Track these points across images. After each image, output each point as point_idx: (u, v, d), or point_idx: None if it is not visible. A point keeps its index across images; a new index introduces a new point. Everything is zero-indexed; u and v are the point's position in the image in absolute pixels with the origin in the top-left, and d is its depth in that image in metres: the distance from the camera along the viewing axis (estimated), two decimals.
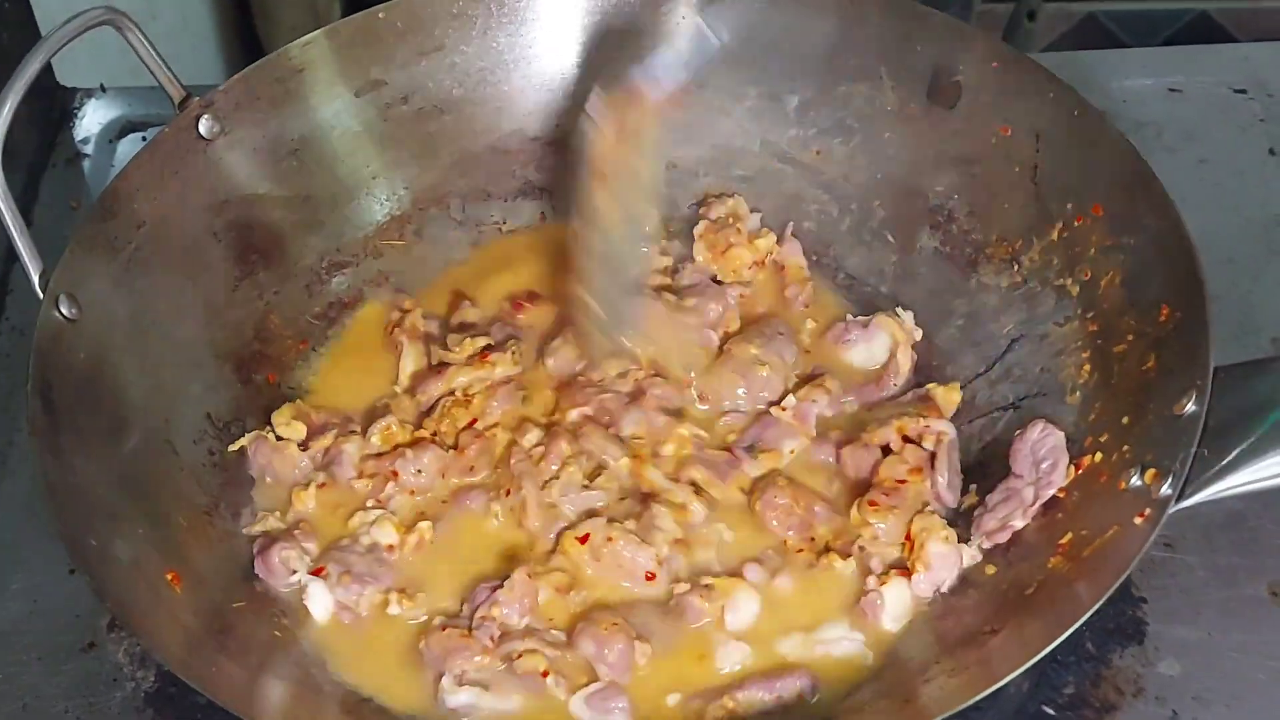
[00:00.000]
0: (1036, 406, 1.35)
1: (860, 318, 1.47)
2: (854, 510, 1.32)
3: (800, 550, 1.31)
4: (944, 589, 1.27)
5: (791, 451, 1.38)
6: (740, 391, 1.42)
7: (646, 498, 1.33)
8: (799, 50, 1.51)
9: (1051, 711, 1.26)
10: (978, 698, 1.08)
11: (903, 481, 1.33)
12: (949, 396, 1.39)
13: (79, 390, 1.26)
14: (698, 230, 1.53)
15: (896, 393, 1.42)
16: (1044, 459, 1.30)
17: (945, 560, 1.26)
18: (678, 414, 1.40)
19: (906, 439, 1.36)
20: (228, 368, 1.42)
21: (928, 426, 1.35)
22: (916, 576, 1.26)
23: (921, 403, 1.39)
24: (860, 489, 1.34)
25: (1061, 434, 1.28)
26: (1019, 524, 1.25)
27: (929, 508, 1.31)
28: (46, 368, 1.23)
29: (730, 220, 1.52)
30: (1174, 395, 1.17)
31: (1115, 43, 2.85)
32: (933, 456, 1.34)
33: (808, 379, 1.43)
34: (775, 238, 1.52)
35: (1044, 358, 1.36)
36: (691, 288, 1.49)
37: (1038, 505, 1.26)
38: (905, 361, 1.43)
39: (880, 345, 1.45)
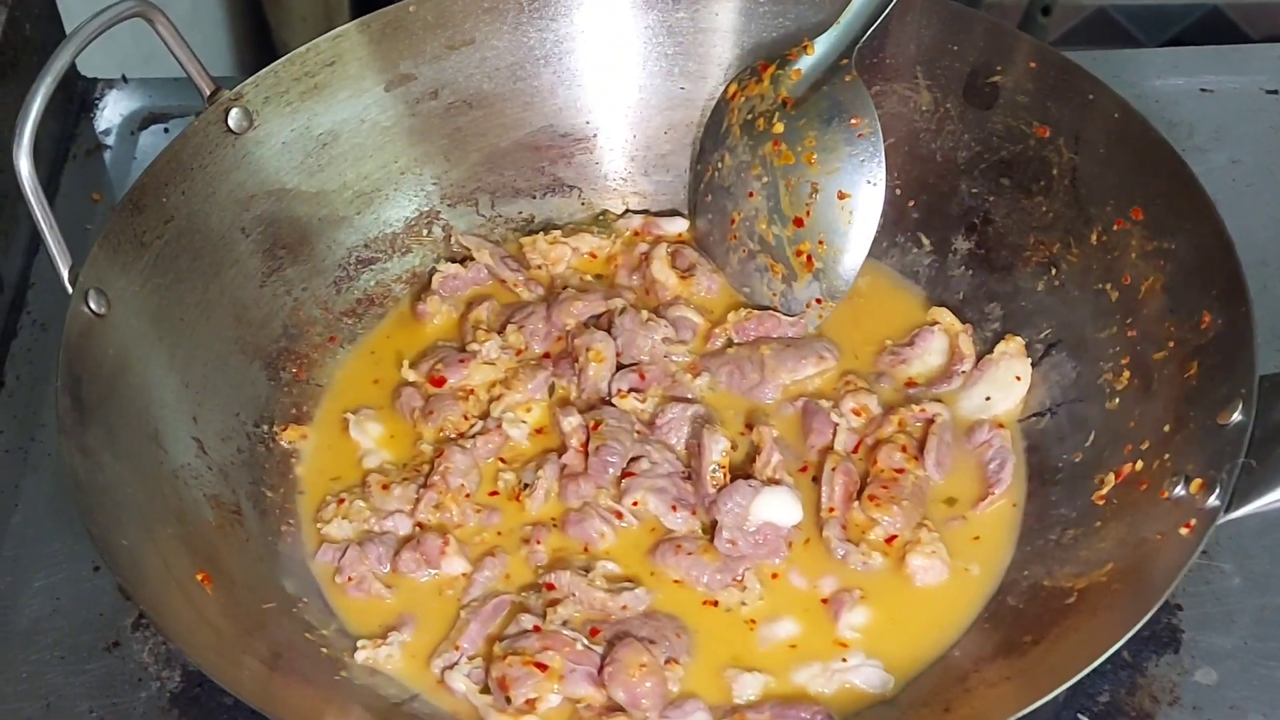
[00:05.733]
0: (1074, 412, 1.34)
1: (902, 342, 1.45)
2: (856, 507, 1.32)
3: None
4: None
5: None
6: None
7: None
8: None
9: None
10: (1021, 712, 1.07)
11: (900, 471, 1.33)
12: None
13: (107, 387, 1.25)
14: None
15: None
16: (992, 459, 1.34)
17: (926, 573, 1.28)
18: None
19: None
20: (256, 364, 1.42)
21: (923, 410, 1.37)
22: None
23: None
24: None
25: (1007, 432, 1.35)
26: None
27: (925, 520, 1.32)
28: (75, 364, 1.22)
29: None
30: (1218, 404, 1.16)
31: (1125, 37, 2.84)
32: (924, 436, 1.36)
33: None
34: None
35: (1082, 363, 1.35)
36: None
37: (990, 505, 1.32)
38: (967, 347, 1.42)
39: (936, 349, 1.44)
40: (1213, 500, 1.12)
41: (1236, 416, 1.14)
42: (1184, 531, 1.13)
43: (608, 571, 1.29)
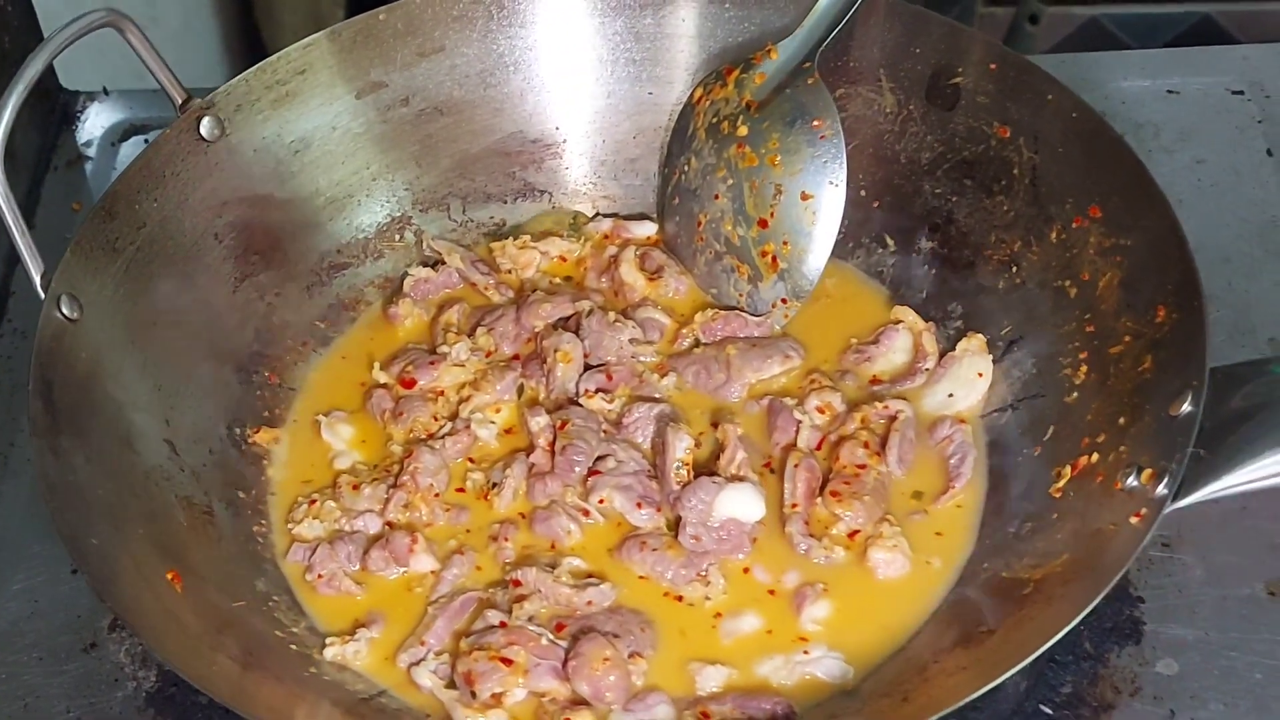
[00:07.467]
0: (1034, 407, 1.36)
1: (867, 340, 1.47)
2: (819, 502, 1.33)
3: None
4: None
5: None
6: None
7: None
8: None
9: (1049, 710, 1.26)
10: (973, 695, 1.08)
11: (862, 467, 1.35)
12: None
13: (80, 391, 1.26)
14: None
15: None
16: (953, 455, 1.35)
17: (888, 566, 1.29)
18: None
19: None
20: (228, 368, 1.43)
21: (886, 407, 1.39)
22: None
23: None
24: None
25: (968, 427, 1.37)
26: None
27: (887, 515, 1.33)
28: (48, 368, 1.24)
29: None
30: (1170, 396, 1.18)
31: (1118, 46, 2.84)
32: (887, 432, 1.37)
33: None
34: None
35: (1042, 359, 1.37)
36: None
37: (950, 499, 1.34)
38: (930, 345, 1.44)
39: (900, 347, 1.45)
40: (1161, 489, 1.13)
41: (1186, 407, 1.15)
42: (1135, 521, 1.14)
43: (574, 568, 1.31)
